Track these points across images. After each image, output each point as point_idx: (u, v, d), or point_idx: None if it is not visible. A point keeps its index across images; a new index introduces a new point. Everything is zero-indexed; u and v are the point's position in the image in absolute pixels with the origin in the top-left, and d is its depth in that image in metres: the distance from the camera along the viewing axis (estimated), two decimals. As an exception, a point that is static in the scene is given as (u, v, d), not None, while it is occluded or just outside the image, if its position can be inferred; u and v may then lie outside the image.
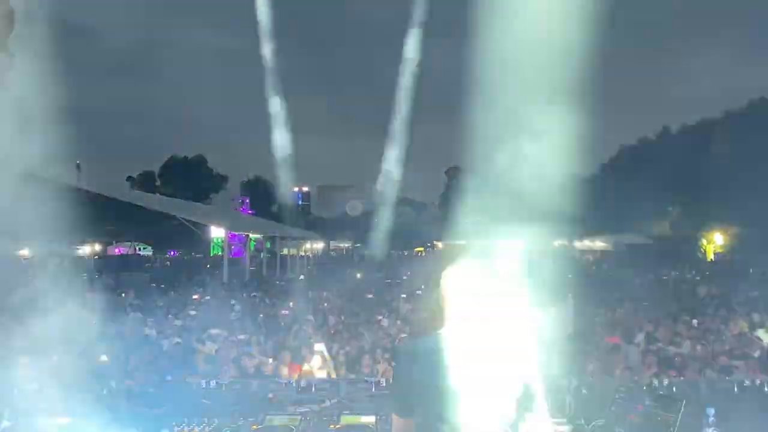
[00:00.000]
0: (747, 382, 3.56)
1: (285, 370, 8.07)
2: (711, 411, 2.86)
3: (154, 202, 28.00)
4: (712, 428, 2.83)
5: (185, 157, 68.24)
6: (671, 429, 2.79)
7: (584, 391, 3.64)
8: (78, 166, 35.25)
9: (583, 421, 3.19)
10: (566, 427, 3.18)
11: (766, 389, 3.51)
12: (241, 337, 10.43)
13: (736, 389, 3.55)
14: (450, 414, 2.23)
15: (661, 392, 3.29)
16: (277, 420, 3.04)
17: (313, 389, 3.52)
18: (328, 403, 3.34)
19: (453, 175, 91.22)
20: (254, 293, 17.84)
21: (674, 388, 3.56)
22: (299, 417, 3.07)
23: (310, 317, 12.40)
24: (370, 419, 3.05)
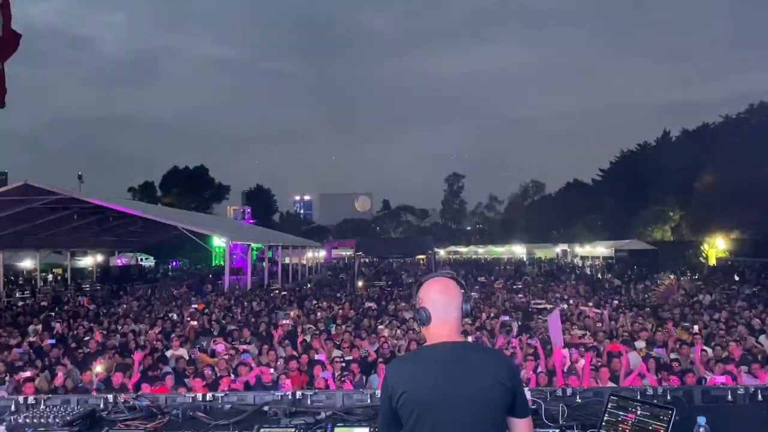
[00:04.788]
0: (741, 390, 3.55)
1: (285, 381, 8.07)
2: (702, 420, 2.85)
3: (156, 212, 28.04)
4: (703, 437, 2.83)
5: (186, 168, 68.36)
6: (661, 438, 2.78)
7: (578, 399, 3.64)
8: (80, 177, 35.45)
9: (575, 431, 3.19)
10: (559, 437, 3.18)
11: (759, 397, 3.50)
12: (242, 346, 10.45)
13: (730, 397, 3.55)
14: None
15: (654, 400, 3.28)
16: (271, 432, 3.05)
17: (309, 401, 3.52)
18: (323, 414, 3.34)
19: (453, 182, 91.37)
20: (255, 302, 17.83)
21: (668, 396, 3.56)
22: (293, 429, 3.08)
23: (311, 326, 12.41)
24: (363, 431, 3.06)
